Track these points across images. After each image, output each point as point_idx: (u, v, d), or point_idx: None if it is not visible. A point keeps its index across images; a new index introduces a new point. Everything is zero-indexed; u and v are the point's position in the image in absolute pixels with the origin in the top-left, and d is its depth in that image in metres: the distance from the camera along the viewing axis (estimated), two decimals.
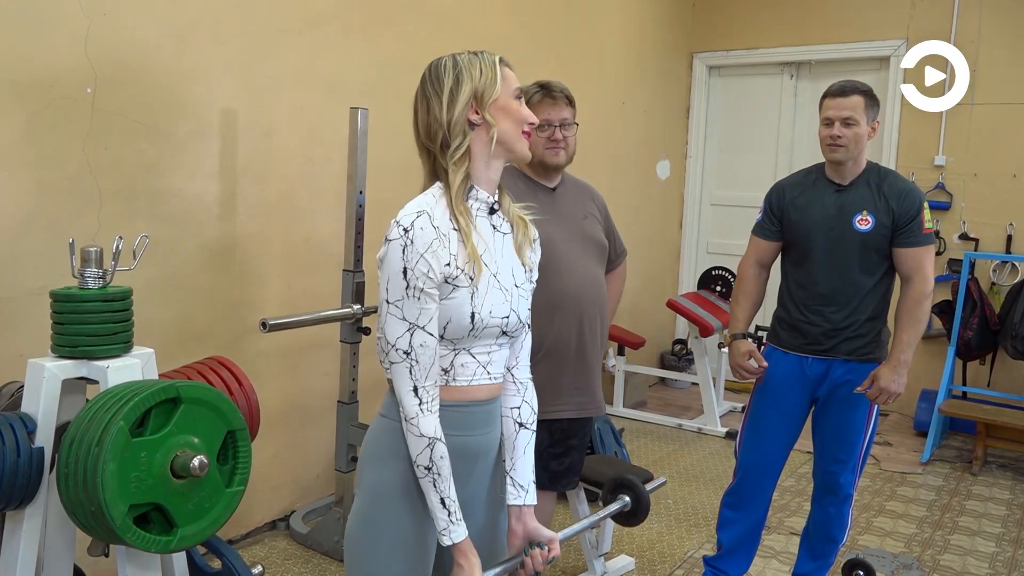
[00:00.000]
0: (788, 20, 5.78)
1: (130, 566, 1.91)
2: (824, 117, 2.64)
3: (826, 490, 2.80)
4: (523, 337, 1.67)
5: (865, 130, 2.60)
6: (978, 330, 4.85)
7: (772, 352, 2.81)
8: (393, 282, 1.45)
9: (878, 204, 2.62)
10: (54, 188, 2.57)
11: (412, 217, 1.46)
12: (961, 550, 3.51)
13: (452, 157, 1.52)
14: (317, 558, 3.19)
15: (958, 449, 4.90)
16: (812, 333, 2.69)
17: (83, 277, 1.96)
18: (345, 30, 3.46)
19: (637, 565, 3.26)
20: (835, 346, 2.67)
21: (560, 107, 2.43)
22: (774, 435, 2.79)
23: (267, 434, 3.26)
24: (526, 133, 1.57)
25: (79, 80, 2.60)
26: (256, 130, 3.17)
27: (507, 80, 1.55)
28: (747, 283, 2.85)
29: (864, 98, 2.60)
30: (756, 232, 2.84)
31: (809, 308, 2.70)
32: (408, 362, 1.46)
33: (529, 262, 1.65)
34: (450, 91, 1.52)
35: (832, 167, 2.69)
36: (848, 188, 2.67)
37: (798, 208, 2.71)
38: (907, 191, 2.64)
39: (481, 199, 1.57)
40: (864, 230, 2.62)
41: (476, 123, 1.53)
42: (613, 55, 5.35)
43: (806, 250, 2.69)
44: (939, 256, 5.29)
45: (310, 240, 3.41)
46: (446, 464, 1.49)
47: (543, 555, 1.64)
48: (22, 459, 1.84)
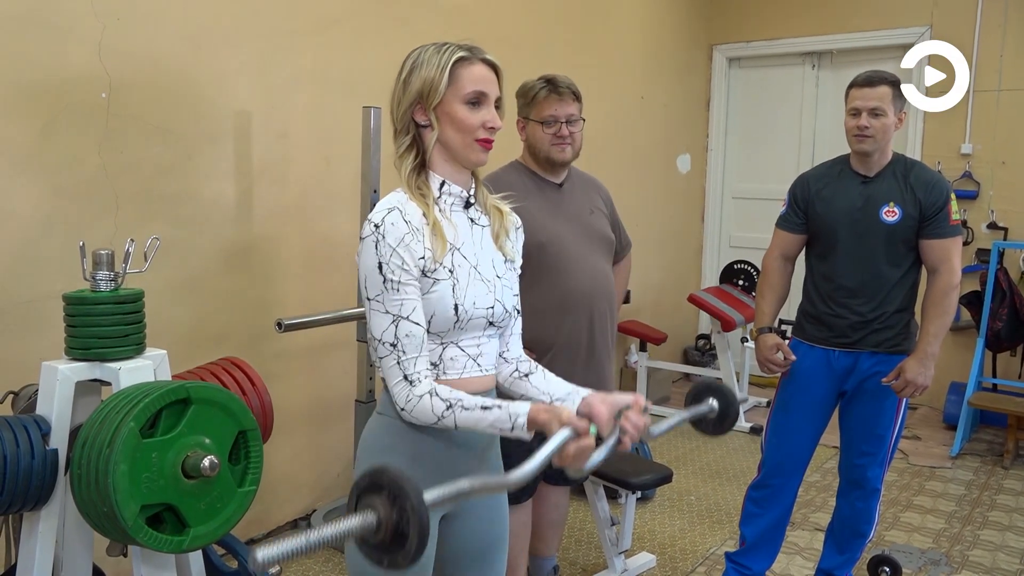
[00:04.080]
0: (809, 9, 5.69)
1: (145, 566, 1.93)
2: (851, 108, 2.60)
3: (853, 484, 2.77)
4: (512, 324, 1.64)
5: (892, 121, 2.56)
6: (1008, 321, 4.75)
7: (798, 346, 2.77)
8: (371, 278, 1.45)
9: (905, 195, 2.58)
10: (71, 192, 2.60)
11: (383, 213, 1.46)
12: (991, 545, 3.44)
13: (398, 151, 1.53)
14: (337, 557, 3.20)
15: (988, 443, 4.80)
16: (839, 326, 2.66)
17: (95, 280, 1.98)
18: (359, 30, 3.46)
19: (658, 562, 3.24)
20: (862, 339, 2.64)
21: (566, 103, 2.41)
22: (801, 429, 2.76)
23: (287, 434, 3.28)
24: (482, 141, 1.50)
25: (94, 86, 2.62)
26: (271, 131, 3.18)
27: (460, 82, 1.47)
28: (772, 276, 2.81)
29: (892, 88, 2.56)
30: (780, 225, 2.80)
31: (835, 301, 2.66)
32: (396, 354, 1.45)
33: (509, 252, 1.62)
34: (403, 84, 1.51)
35: (858, 158, 2.65)
36: (874, 179, 2.63)
37: (823, 200, 2.67)
38: (934, 182, 2.60)
39: (455, 193, 1.55)
40: (891, 222, 2.58)
41: (422, 124, 1.51)
42: (631, 49, 5.31)
43: (832, 242, 2.66)
44: (967, 246, 5.19)
45: (327, 240, 3.42)
46: (459, 392, 1.43)
47: (636, 412, 1.44)
48: (36, 461, 1.86)
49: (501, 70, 1.54)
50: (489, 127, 1.49)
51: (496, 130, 1.51)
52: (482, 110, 1.49)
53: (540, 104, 2.40)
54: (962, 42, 5.10)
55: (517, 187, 2.23)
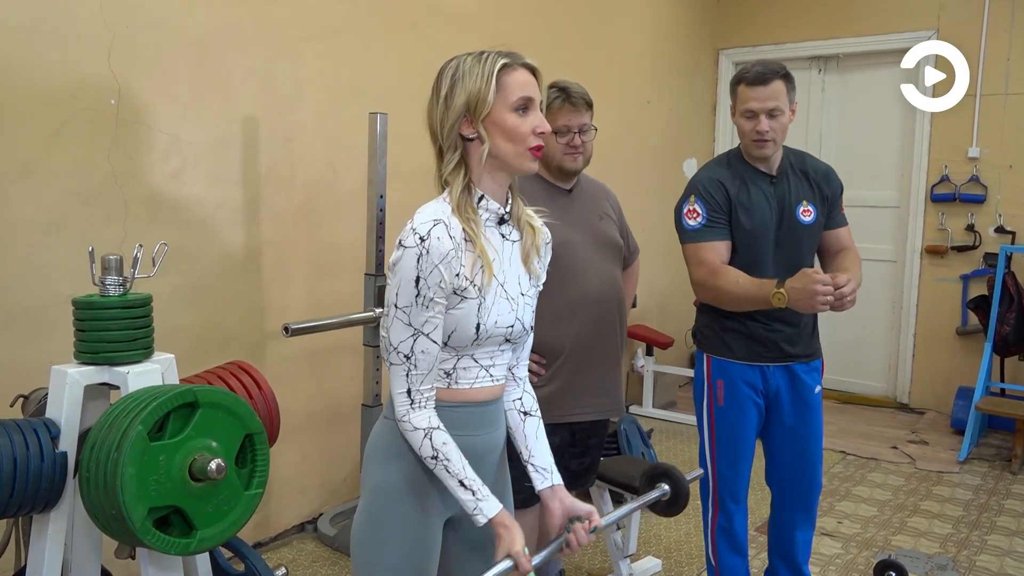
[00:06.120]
0: (815, 13, 5.69)
1: (152, 568, 1.95)
2: (745, 109, 2.36)
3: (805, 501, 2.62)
4: (526, 339, 1.65)
5: (788, 117, 2.38)
6: (1016, 325, 4.73)
7: (726, 366, 2.50)
8: (404, 288, 1.44)
9: (813, 192, 2.46)
10: (80, 198, 2.62)
11: (429, 226, 1.43)
12: (999, 551, 3.43)
13: (446, 170, 1.49)
14: (344, 560, 3.21)
15: (997, 447, 4.78)
16: (773, 340, 2.46)
17: (104, 285, 2.00)
18: (365, 35, 3.48)
19: (664, 566, 3.24)
20: (794, 349, 2.48)
21: (580, 113, 2.42)
22: (747, 453, 2.59)
23: (294, 438, 3.29)
24: (534, 149, 1.47)
25: (103, 92, 2.65)
26: (278, 137, 3.20)
27: (506, 90, 1.45)
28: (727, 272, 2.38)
29: (784, 82, 2.35)
30: (705, 236, 2.41)
31: (767, 315, 2.40)
32: (407, 365, 1.46)
33: (535, 270, 1.61)
34: (444, 100, 1.47)
35: (758, 158, 2.45)
36: (780, 178, 2.45)
37: (743, 207, 2.42)
38: (829, 172, 2.52)
39: (492, 209, 1.52)
40: (808, 221, 2.44)
41: (469, 137, 1.48)
42: (637, 53, 5.32)
43: (757, 253, 2.43)
44: (974, 250, 5.18)
45: (333, 245, 3.44)
46: (452, 448, 1.47)
47: (585, 528, 1.59)
48: (46, 463, 1.87)
49: (540, 73, 1.51)
50: (539, 132, 1.47)
51: (546, 134, 1.48)
52: (531, 116, 1.47)
53: (554, 114, 2.40)
54: (969, 46, 5.10)
55: (527, 193, 2.23)
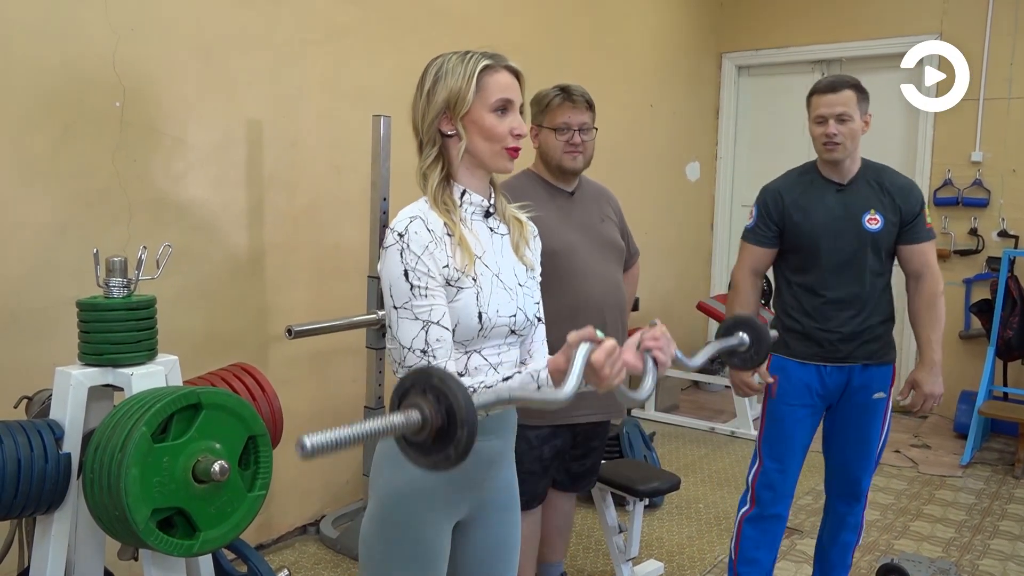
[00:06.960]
0: (818, 17, 5.70)
1: (156, 570, 1.95)
2: (816, 115, 2.54)
3: (845, 497, 2.71)
4: (533, 333, 1.64)
5: (859, 125, 2.50)
6: (1018, 329, 4.73)
7: (784, 363, 2.63)
8: (396, 287, 1.45)
9: (884, 201, 2.53)
10: (85, 200, 2.63)
11: (405, 222, 1.47)
12: (1001, 555, 3.42)
13: (424, 163, 1.53)
14: (347, 562, 3.22)
15: (999, 452, 4.78)
16: (829, 340, 2.56)
17: (108, 287, 2.00)
18: (369, 39, 3.49)
19: (666, 570, 3.23)
20: (853, 352, 2.56)
21: (580, 111, 2.43)
22: (799, 451, 2.66)
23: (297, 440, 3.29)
24: (511, 149, 1.50)
25: (108, 95, 2.66)
26: (282, 140, 3.21)
27: (486, 90, 1.48)
28: (743, 294, 2.69)
29: (855, 92, 2.50)
30: (749, 239, 2.69)
31: (823, 315, 2.56)
32: (426, 360, 1.45)
33: (528, 260, 1.64)
34: (426, 95, 1.51)
35: (829, 166, 2.58)
36: (849, 187, 2.56)
37: (800, 211, 2.57)
38: (909, 187, 2.58)
39: (475, 203, 1.56)
40: (874, 230, 2.52)
41: (448, 133, 1.51)
42: (640, 57, 5.33)
43: (813, 255, 2.56)
44: (977, 254, 5.18)
45: (337, 247, 3.44)
46: (477, 378, 1.43)
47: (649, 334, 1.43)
48: (50, 465, 1.88)
49: (523, 76, 1.54)
50: (516, 134, 1.50)
51: (523, 136, 1.52)
52: (509, 117, 1.50)
53: (554, 111, 2.42)
54: (972, 50, 5.11)
55: (529, 195, 2.25)
